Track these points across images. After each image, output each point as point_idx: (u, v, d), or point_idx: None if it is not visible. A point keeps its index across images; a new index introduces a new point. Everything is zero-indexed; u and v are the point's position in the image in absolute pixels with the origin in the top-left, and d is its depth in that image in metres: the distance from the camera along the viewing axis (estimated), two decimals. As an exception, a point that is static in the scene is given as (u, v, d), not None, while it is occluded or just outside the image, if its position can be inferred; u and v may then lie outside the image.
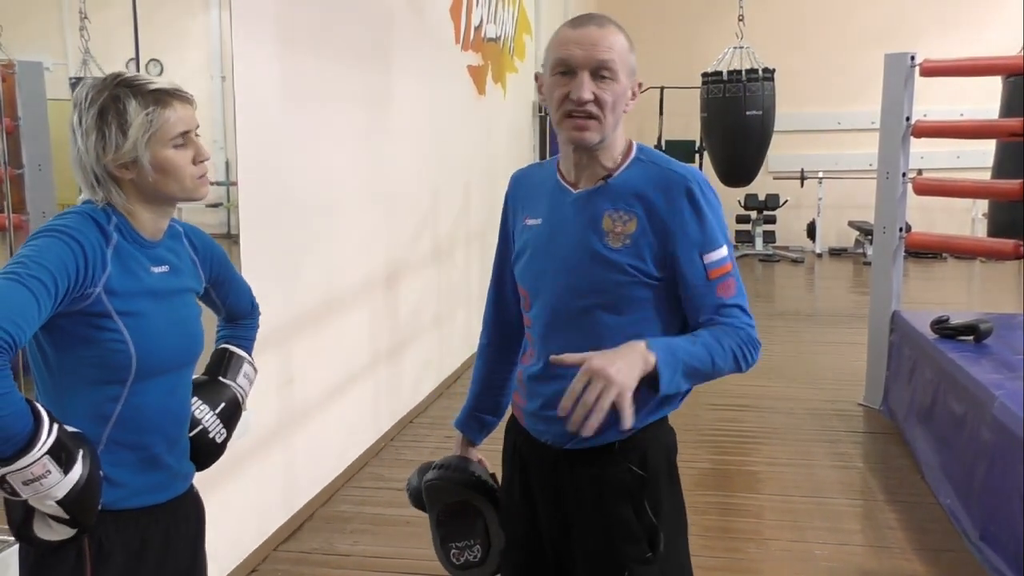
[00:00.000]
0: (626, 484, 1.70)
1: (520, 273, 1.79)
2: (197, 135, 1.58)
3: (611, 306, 1.66)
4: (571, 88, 1.60)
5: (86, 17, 2.54)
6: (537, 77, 1.74)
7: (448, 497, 1.95)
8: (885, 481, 4.16)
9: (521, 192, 1.85)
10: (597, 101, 1.60)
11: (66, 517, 1.42)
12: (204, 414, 1.75)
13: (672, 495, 1.78)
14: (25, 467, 1.35)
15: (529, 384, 1.79)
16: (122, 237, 1.53)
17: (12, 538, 1.95)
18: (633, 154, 1.71)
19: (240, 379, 1.86)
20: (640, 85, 1.71)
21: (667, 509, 1.74)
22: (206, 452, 1.77)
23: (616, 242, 1.64)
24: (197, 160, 1.56)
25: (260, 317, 1.98)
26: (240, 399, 1.85)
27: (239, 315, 1.91)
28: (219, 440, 1.79)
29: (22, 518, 1.45)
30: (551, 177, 1.77)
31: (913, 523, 3.67)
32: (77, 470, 1.41)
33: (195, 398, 1.74)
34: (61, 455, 1.39)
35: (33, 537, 1.45)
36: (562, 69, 1.62)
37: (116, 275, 1.48)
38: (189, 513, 1.74)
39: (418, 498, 2.02)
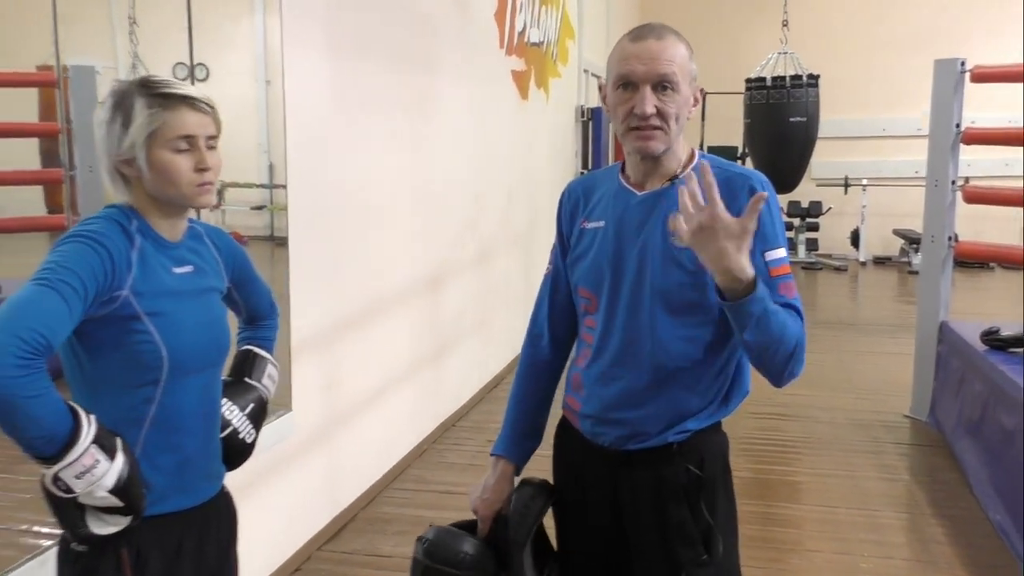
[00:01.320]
0: (683, 485, 1.71)
1: (583, 275, 1.79)
2: (211, 145, 1.57)
3: (670, 306, 1.67)
4: (634, 103, 1.63)
5: (135, 22, 2.57)
6: (600, 88, 1.76)
7: None
8: (932, 494, 4.09)
9: (578, 200, 1.85)
10: (660, 113, 1.63)
11: (120, 504, 1.44)
12: (234, 415, 1.77)
13: (727, 499, 1.79)
14: (76, 459, 1.38)
15: (588, 387, 1.78)
16: (144, 239, 1.55)
17: (50, 541, 1.99)
18: (696, 159, 1.75)
19: (265, 380, 1.88)
20: (701, 91, 1.73)
21: (722, 512, 1.75)
22: (237, 452, 1.78)
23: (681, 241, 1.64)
24: (198, 168, 1.55)
25: (279, 318, 1.99)
26: (266, 399, 1.87)
27: (259, 316, 1.93)
28: (249, 440, 1.80)
29: (77, 517, 1.46)
30: (613, 182, 1.79)
31: (961, 538, 3.61)
32: (120, 456, 1.44)
33: (224, 399, 1.76)
34: (105, 443, 1.42)
35: (91, 535, 1.47)
36: (624, 83, 1.65)
37: (141, 276, 1.50)
38: (222, 514, 1.76)
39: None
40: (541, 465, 1.94)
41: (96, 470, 1.40)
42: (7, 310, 1.34)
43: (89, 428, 1.40)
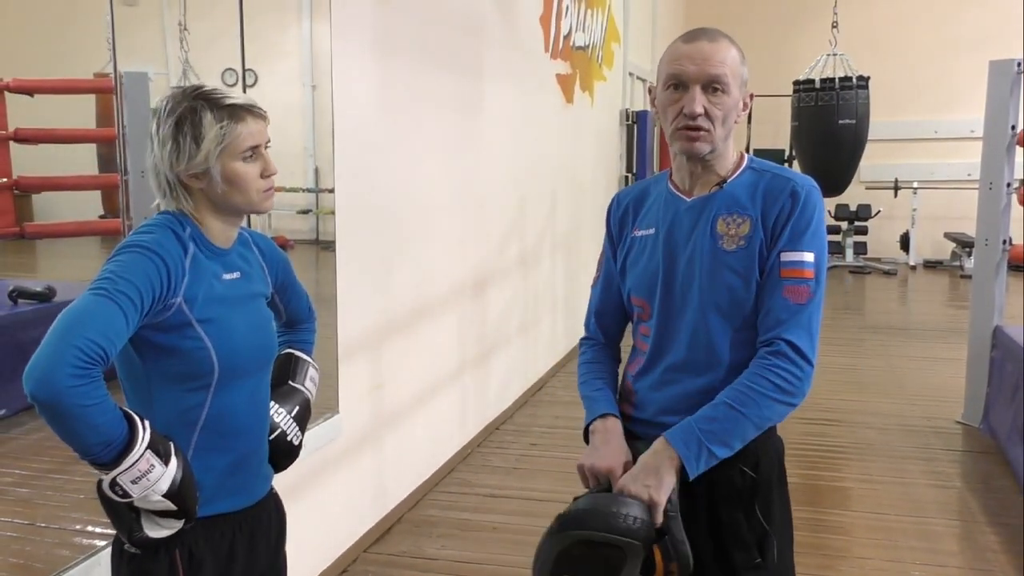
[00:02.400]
0: (738, 488, 1.70)
1: (635, 283, 1.80)
2: (267, 149, 1.62)
3: (723, 310, 1.68)
4: (684, 102, 1.64)
5: (185, 28, 2.61)
6: (650, 90, 1.76)
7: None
8: (985, 502, 4.01)
9: (627, 209, 1.86)
10: (708, 114, 1.64)
11: (173, 508, 1.47)
12: (281, 417, 1.79)
13: (783, 503, 1.78)
14: (132, 465, 1.40)
15: (642, 393, 1.80)
16: (197, 247, 1.57)
17: (103, 541, 2.02)
18: (745, 163, 1.75)
19: (307, 382, 1.89)
20: (751, 96, 1.74)
21: (778, 516, 1.74)
22: (284, 454, 1.80)
23: (731, 244, 1.67)
24: (265, 174, 1.60)
25: (317, 321, 2.01)
26: (309, 402, 1.89)
27: (298, 320, 1.95)
28: (296, 442, 1.82)
29: (132, 520, 1.49)
30: (662, 189, 1.80)
31: (1016, 546, 3.53)
32: (174, 460, 1.46)
33: (271, 402, 1.78)
34: (159, 448, 1.44)
35: (146, 538, 1.50)
36: (674, 83, 1.66)
37: (193, 284, 1.53)
38: (272, 515, 1.78)
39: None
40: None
41: (152, 475, 1.42)
42: (66, 320, 1.36)
43: (144, 434, 1.42)
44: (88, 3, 2.43)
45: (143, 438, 1.42)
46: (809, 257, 1.64)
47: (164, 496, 1.45)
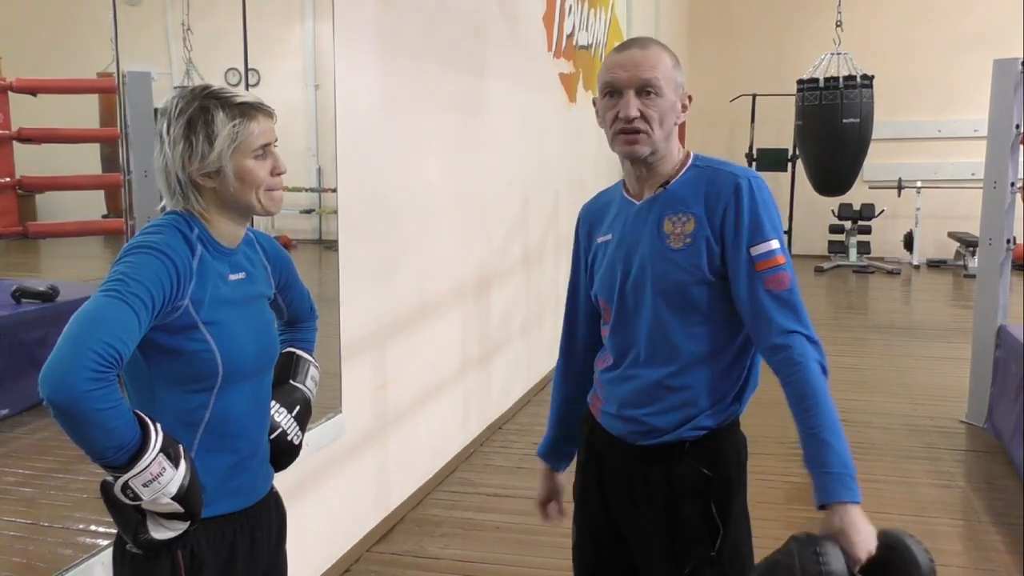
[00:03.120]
0: (695, 483, 1.76)
1: (598, 287, 1.87)
2: (276, 147, 1.62)
3: (674, 305, 1.73)
4: (619, 107, 1.71)
5: (189, 28, 2.62)
6: (594, 102, 1.82)
7: None
8: (989, 502, 4.00)
9: (591, 218, 1.95)
10: (644, 117, 1.70)
11: (181, 511, 1.46)
12: (282, 417, 1.79)
13: (741, 499, 1.82)
14: (145, 468, 1.40)
15: (607, 388, 1.87)
16: (204, 247, 1.57)
17: (106, 541, 2.02)
18: (689, 162, 1.80)
19: (308, 381, 1.89)
20: (690, 98, 1.79)
21: (735, 512, 1.79)
22: (285, 453, 1.81)
23: (677, 243, 1.73)
24: (275, 172, 1.61)
25: (317, 320, 2.01)
26: (310, 401, 1.89)
27: (300, 319, 1.95)
28: (296, 442, 1.82)
29: (138, 523, 1.49)
30: (618, 196, 1.88)
31: (1020, 546, 3.52)
32: (183, 463, 1.46)
33: (272, 401, 1.78)
34: (170, 451, 1.44)
35: (151, 540, 1.49)
36: (609, 91, 1.74)
37: (200, 286, 1.53)
38: (272, 515, 1.77)
39: None
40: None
41: (163, 478, 1.42)
42: (80, 323, 1.36)
43: (157, 437, 1.42)
44: (91, 3, 2.43)
45: (156, 442, 1.42)
46: (775, 244, 1.69)
47: (172, 499, 1.44)
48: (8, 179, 2.45)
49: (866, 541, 1.56)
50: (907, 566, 1.55)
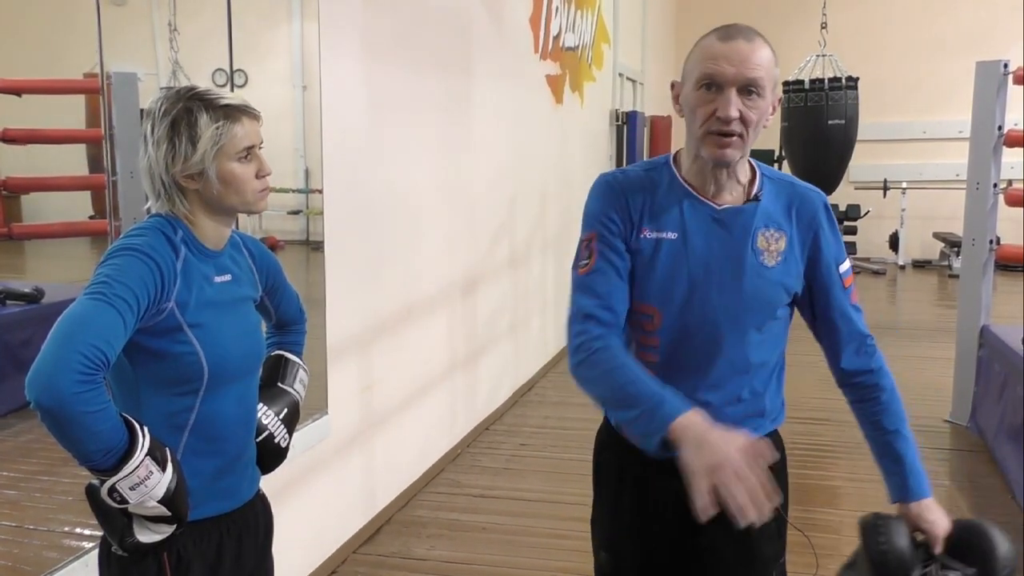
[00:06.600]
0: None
1: (649, 289, 1.65)
2: (260, 149, 1.62)
3: (757, 322, 1.66)
4: (718, 105, 1.55)
5: (175, 29, 2.61)
6: (673, 85, 1.67)
7: None
8: (973, 500, 4.03)
9: (637, 200, 1.67)
10: (743, 118, 1.55)
11: (167, 514, 1.46)
12: (269, 419, 1.79)
13: (786, 496, 1.84)
14: (132, 471, 1.40)
15: None
16: (188, 250, 1.56)
17: (91, 543, 2.02)
18: (759, 171, 1.69)
19: (296, 384, 1.89)
20: (780, 99, 1.67)
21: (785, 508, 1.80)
22: (272, 456, 1.80)
23: (771, 260, 1.64)
24: (260, 174, 1.60)
25: (307, 323, 2.01)
26: (298, 404, 1.89)
27: (289, 322, 1.95)
28: (283, 444, 1.82)
29: (124, 526, 1.48)
30: (675, 187, 1.67)
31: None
32: (170, 466, 1.46)
33: (259, 404, 1.78)
34: (157, 455, 1.44)
35: (138, 544, 1.49)
36: (708, 83, 1.56)
37: (184, 288, 1.52)
38: (259, 517, 1.77)
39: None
40: (581, 470, 1.93)
41: (150, 481, 1.42)
42: (66, 325, 1.36)
43: (144, 441, 1.42)
44: (78, 3, 2.42)
45: (143, 445, 1.41)
46: (849, 262, 1.73)
47: (159, 502, 1.44)
48: (-8, 180, 2.43)
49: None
50: (986, 547, 1.62)
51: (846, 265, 1.71)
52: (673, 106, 1.68)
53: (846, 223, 11.68)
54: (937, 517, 1.66)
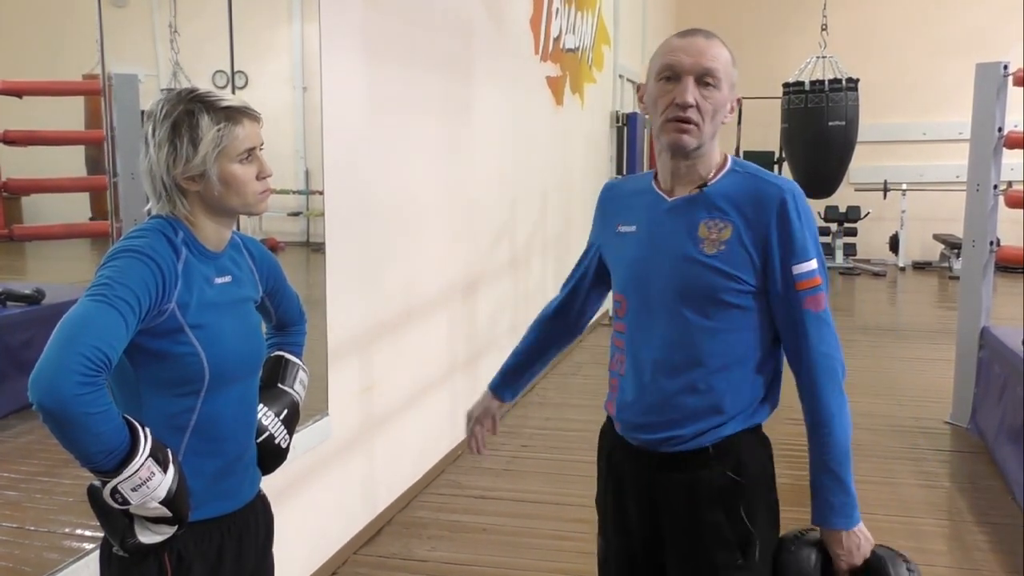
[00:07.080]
0: (720, 489, 1.72)
1: (617, 279, 1.83)
2: (261, 150, 1.62)
3: (702, 310, 1.68)
4: (676, 93, 1.65)
5: (176, 31, 2.61)
6: (639, 88, 1.77)
7: None
8: (974, 501, 4.03)
9: (614, 200, 1.90)
10: (699, 107, 1.64)
11: (168, 515, 1.46)
12: (269, 420, 1.79)
13: (769, 504, 1.80)
14: (134, 473, 1.40)
15: (623, 391, 1.81)
16: (189, 251, 1.57)
17: (92, 544, 2.02)
18: (728, 165, 1.75)
19: (296, 385, 1.89)
20: (739, 100, 1.72)
21: (762, 518, 1.76)
22: (272, 457, 1.81)
23: (711, 248, 1.67)
24: (261, 176, 1.61)
25: (307, 324, 2.01)
26: (298, 404, 1.89)
27: (289, 322, 1.95)
28: (284, 445, 1.82)
29: (125, 527, 1.48)
30: (647, 187, 1.81)
31: (1004, 545, 3.55)
32: (171, 468, 1.46)
33: (260, 405, 1.78)
34: (158, 456, 1.44)
35: (139, 544, 1.49)
36: (667, 74, 1.66)
37: (185, 289, 1.52)
38: (259, 518, 1.77)
39: None
40: (582, 471, 1.94)
41: (151, 482, 1.42)
42: (68, 327, 1.36)
43: (146, 442, 1.42)
44: (79, 4, 2.42)
45: (145, 446, 1.41)
46: (815, 264, 1.67)
47: (161, 503, 1.44)
48: (-7, 182, 2.44)
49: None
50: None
51: (807, 267, 1.66)
52: (639, 106, 1.77)
53: (846, 224, 11.71)
54: (840, 551, 1.72)
